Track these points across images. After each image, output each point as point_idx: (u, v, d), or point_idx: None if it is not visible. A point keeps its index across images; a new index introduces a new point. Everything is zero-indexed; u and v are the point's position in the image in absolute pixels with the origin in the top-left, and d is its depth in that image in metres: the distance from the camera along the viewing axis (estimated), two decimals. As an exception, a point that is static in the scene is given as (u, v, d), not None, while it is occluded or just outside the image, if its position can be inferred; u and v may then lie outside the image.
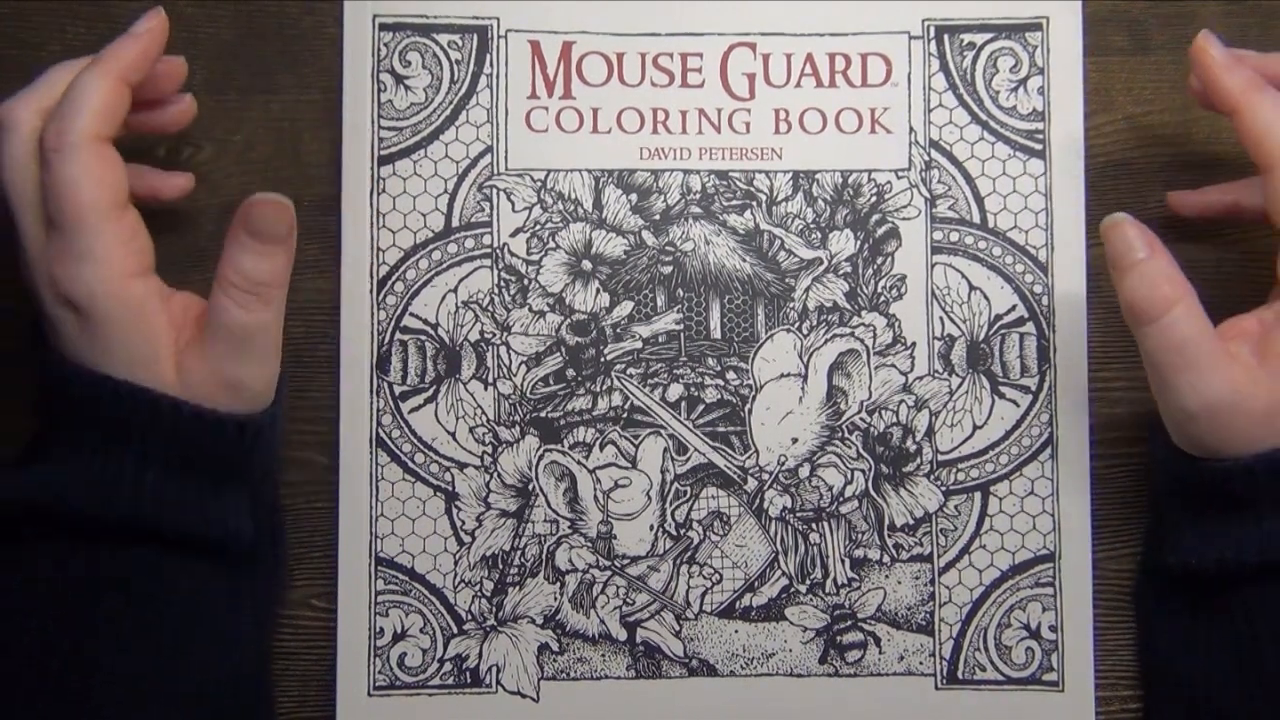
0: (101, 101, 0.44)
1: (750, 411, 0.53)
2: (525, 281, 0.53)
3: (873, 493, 0.53)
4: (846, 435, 0.53)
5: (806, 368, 0.53)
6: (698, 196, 0.53)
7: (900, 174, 0.54)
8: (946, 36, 0.54)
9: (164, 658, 0.45)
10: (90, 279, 0.43)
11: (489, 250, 0.53)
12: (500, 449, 0.53)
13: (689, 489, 0.53)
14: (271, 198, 0.45)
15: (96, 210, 0.43)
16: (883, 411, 0.53)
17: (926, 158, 0.54)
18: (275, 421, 0.48)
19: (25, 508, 0.44)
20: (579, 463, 0.53)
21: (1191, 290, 0.45)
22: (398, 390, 0.53)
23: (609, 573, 0.53)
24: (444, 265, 0.53)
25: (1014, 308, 0.53)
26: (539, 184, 0.53)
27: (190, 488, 0.45)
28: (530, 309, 0.53)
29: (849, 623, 0.53)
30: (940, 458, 0.53)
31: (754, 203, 0.53)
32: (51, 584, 0.45)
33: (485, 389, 0.53)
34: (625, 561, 0.53)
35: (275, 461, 0.50)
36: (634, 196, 0.53)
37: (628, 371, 0.53)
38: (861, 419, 0.53)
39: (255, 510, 0.48)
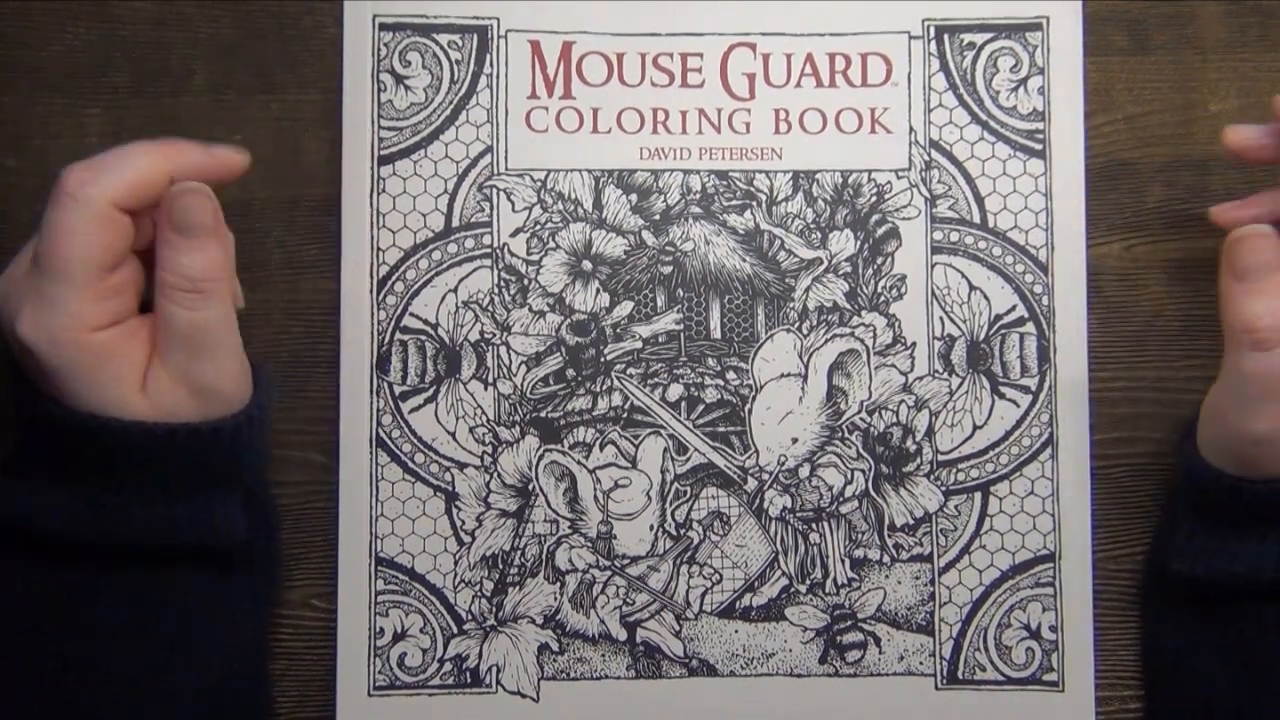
0: (137, 177, 0.43)
1: (750, 411, 0.53)
2: (525, 281, 0.53)
3: (873, 493, 0.53)
4: (846, 435, 0.53)
5: (806, 368, 0.53)
6: (698, 196, 0.53)
7: (900, 174, 0.54)
8: (946, 36, 0.54)
9: (161, 658, 0.45)
10: (52, 327, 0.42)
11: (489, 250, 0.53)
12: (500, 449, 0.53)
13: (689, 489, 0.53)
14: (189, 187, 0.44)
15: (83, 267, 0.42)
16: (883, 411, 0.53)
17: (926, 158, 0.54)
18: (256, 419, 0.46)
19: (10, 526, 0.44)
20: (579, 463, 0.53)
21: None
22: (398, 390, 0.53)
23: (609, 573, 0.53)
24: (444, 265, 0.53)
25: (1014, 308, 0.53)
26: (539, 184, 0.53)
27: (178, 504, 0.45)
28: (530, 309, 0.53)
29: (849, 623, 0.53)
30: (940, 458, 0.53)
31: (754, 203, 0.53)
32: (47, 585, 0.45)
33: (485, 389, 0.53)
34: (625, 561, 0.53)
35: (265, 457, 0.50)
36: (634, 196, 0.53)
37: (628, 371, 0.53)
38: (861, 419, 0.53)
39: (248, 509, 0.48)
